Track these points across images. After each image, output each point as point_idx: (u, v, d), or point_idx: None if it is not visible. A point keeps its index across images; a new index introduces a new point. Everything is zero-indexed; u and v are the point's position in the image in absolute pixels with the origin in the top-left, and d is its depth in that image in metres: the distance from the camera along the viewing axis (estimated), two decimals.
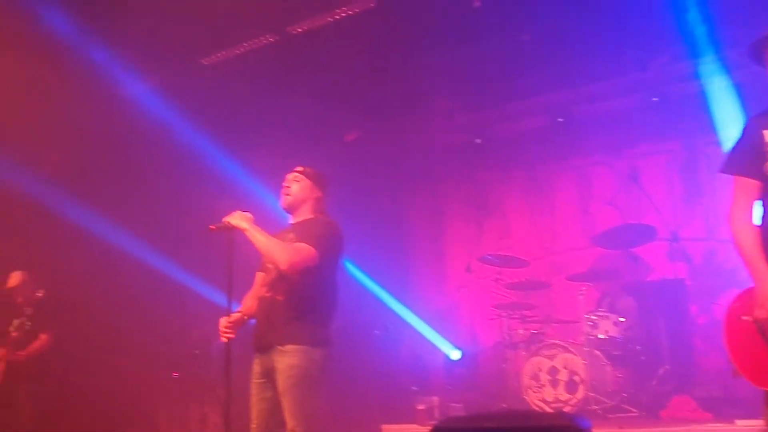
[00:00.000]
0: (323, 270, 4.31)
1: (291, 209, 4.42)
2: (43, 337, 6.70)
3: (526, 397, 6.50)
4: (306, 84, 7.55)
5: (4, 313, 6.85)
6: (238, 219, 4.22)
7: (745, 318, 3.21)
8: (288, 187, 4.41)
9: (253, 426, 4.24)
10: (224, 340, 4.21)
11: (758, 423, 5.03)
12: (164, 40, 6.70)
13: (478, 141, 8.46)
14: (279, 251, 4.16)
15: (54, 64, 6.67)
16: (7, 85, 6.68)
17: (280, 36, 6.84)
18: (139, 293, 7.97)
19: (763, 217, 3.23)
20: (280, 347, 4.16)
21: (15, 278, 6.91)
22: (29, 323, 6.71)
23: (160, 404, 7.97)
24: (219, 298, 4.29)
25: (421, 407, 6.82)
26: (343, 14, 6.52)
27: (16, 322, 6.79)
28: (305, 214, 4.41)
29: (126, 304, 7.93)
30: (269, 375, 4.20)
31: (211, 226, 4.31)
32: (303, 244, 4.16)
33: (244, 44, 6.98)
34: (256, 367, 4.28)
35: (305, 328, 4.23)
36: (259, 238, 4.19)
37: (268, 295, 4.26)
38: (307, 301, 4.26)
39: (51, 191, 7.61)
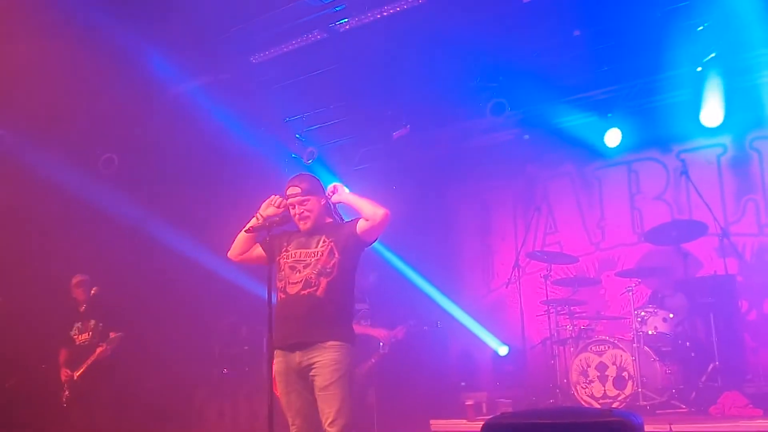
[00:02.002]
0: (355, 268, 4.49)
1: (314, 229, 4.48)
2: (114, 336, 6.90)
3: (574, 393, 6.51)
4: (355, 81, 7.62)
5: (69, 315, 7.09)
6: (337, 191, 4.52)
7: None
8: (302, 211, 4.45)
9: (295, 426, 4.28)
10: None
11: None
12: (215, 39, 6.85)
13: (527, 137, 8.46)
14: (370, 208, 4.42)
15: (109, 67, 6.85)
16: (63, 88, 6.87)
17: (328, 33, 6.91)
18: (191, 291, 8.14)
19: None
20: (321, 344, 4.24)
21: (79, 282, 7.12)
22: (100, 324, 6.96)
23: (211, 400, 8.12)
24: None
25: (469, 402, 6.86)
26: (392, 10, 6.56)
27: (79, 324, 7.03)
28: (322, 221, 4.53)
29: (177, 302, 8.12)
30: (302, 372, 4.25)
31: (246, 230, 4.46)
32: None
33: (293, 42, 7.06)
34: (284, 366, 4.29)
35: (344, 324, 4.38)
36: (352, 197, 4.52)
37: (304, 292, 4.31)
38: (344, 298, 4.41)
39: (104, 190, 7.80)
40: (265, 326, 4.12)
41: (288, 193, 4.54)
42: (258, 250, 4.54)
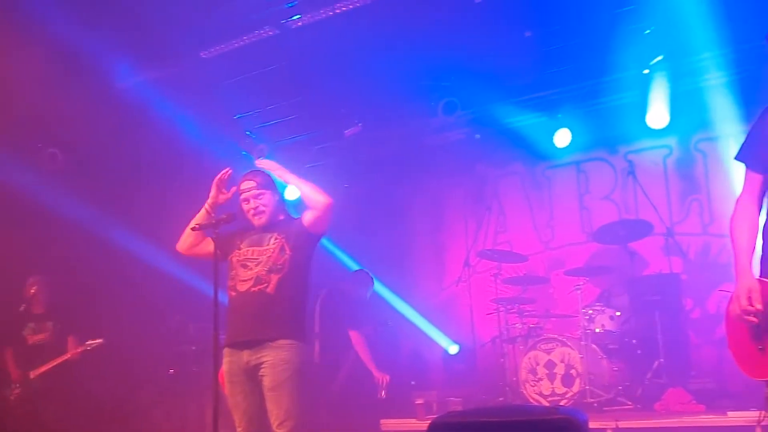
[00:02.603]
0: (308, 265, 4.44)
1: (267, 225, 4.44)
2: (71, 340, 6.85)
3: (523, 391, 6.57)
4: (307, 78, 7.57)
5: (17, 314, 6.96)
6: (267, 165, 4.50)
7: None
8: (257, 205, 4.41)
9: (240, 428, 4.22)
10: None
11: (749, 414, 5.16)
12: (164, 34, 6.73)
13: (478, 136, 8.51)
14: (315, 194, 4.38)
15: (52, 59, 6.68)
16: (3, 81, 6.69)
17: (280, 29, 6.85)
18: (137, 290, 7.99)
19: None
20: (271, 342, 4.18)
21: (33, 284, 7.01)
22: (58, 325, 6.88)
23: (157, 401, 7.98)
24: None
25: (419, 401, 6.86)
26: (345, 8, 6.54)
27: (33, 324, 6.93)
28: (276, 218, 4.48)
29: (123, 300, 7.96)
30: (251, 372, 4.20)
31: (192, 227, 4.39)
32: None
33: (244, 38, 6.98)
34: (232, 365, 4.24)
35: (295, 322, 4.31)
36: (294, 179, 4.46)
37: (254, 289, 4.25)
38: (296, 295, 4.35)
39: (48, 189, 7.61)
40: (213, 325, 4.06)
41: (242, 187, 4.48)
42: (210, 246, 4.39)
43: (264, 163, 4.60)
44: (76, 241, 7.75)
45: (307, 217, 4.39)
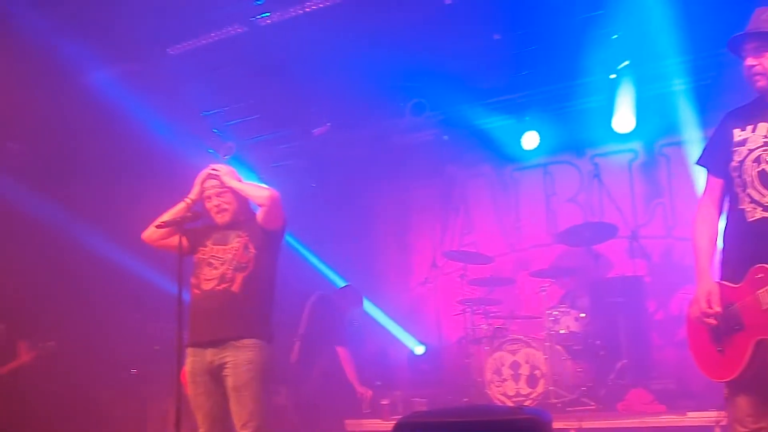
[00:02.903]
0: (274, 264, 4.41)
1: (231, 223, 4.40)
2: (23, 345, 6.71)
3: (488, 392, 6.59)
4: (275, 77, 7.52)
5: None
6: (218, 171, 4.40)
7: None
8: (220, 203, 4.39)
9: (203, 430, 4.15)
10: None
11: (709, 414, 5.25)
12: (130, 29, 6.63)
13: (446, 138, 8.53)
14: (257, 191, 4.36)
15: (15, 52, 6.55)
16: None
17: (249, 27, 6.80)
18: (96, 288, 7.85)
19: (727, 216, 3.30)
20: (234, 342, 4.14)
21: None
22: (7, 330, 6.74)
23: (119, 402, 7.86)
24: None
25: (384, 402, 6.86)
26: (314, 6, 6.50)
27: None
28: (240, 216, 4.45)
29: (82, 299, 7.81)
30: (215, 372, 4.15)
31: (157, 225, 4.34)
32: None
33: (212, 35, 6.92)
34: (195, 365, 4.18)
35: (260, 322, 4.28)
36: (235, 183, 4.37)
37: (219, 288, 4.20)
38: (261, 294, 4.31)
39: (6, 183, 7.46)
40: (175, 324, 3.98)
41: (205, 185, 4.44)
42: (177, 240, 4.29)
43: (217, 168, 4.53)
44: (33, 240, 7.60)
45: (259, 216, 4.36)
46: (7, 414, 6.63)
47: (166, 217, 4.39)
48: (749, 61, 3.17)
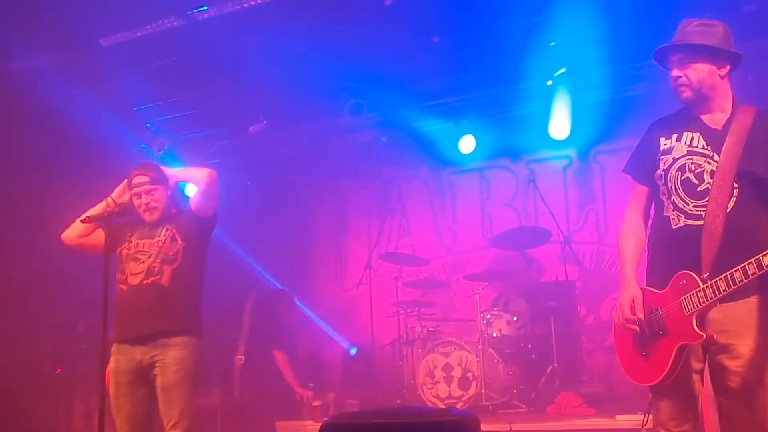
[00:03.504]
0: (203, 257, 4.34)
1: (159, 220, 4.32)
2: None
3: (421, 394, 6.59)
4: (211, 72, 7.40)
5: None
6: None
7: None
8: (149, 201, 4.29)
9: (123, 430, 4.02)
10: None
11: (636, 418, 5.33)
12: (60, 16, 6.43)
13: (384, 139, 8.52)
14: (196, 172, 4.40)
15: None
16: None
17: (185, 20, 6.67)
18: (18, 284, 7.58)
19: (653, 223, 3.34)
20: (166, 339, 4.05)
21: None
22: None
23: (42, 402, 7.62)
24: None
25: (316, 404, 6.84)
26: (253, 2, 6.42)
27: None
28: (168, 212, 4.39)
29: (6, 295, 7.54)
30: (144, 371, 4.05)
31: (82, 220, 4.22)
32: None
33: (147, 27, 6.76)
34: (120, 364, 4.06)
35: (191, 316, 4.20)
36: (173, 171, 4.42)
37: (147, 281, 4.11)
38: (191, 288, 4.23)
39: None
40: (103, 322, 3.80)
41: (134, 182, 4.32)
42: (98, 237, 4.24)
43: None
44: None
45: (194, 200, 4.32)
46: None
47: (90, 212, 4.27)
48: (674, 72, 3.22)
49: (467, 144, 7.93)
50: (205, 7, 6.54)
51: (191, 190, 7.48)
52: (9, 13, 6.20)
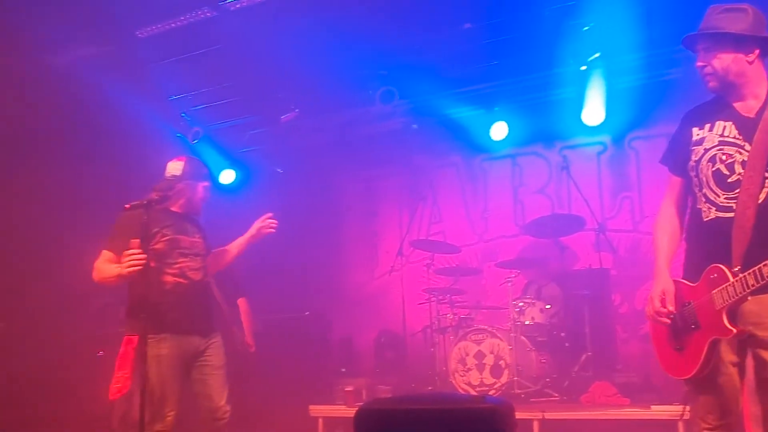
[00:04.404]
0: None
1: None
2: None
3: (452, 381, 6.59)
4: (244, 62, 7.44)
5: None
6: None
7: None
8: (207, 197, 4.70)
9: (171, 415, 4.19)
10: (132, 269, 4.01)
11: (672, 408, 5.28)
12: (99, 10, 6.52)
13: (415, 126, 8.50)
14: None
15: None
16: None
17: (218, 11, 6.71)
18: (63, 270, 7.73)
19: (689, 215, 3.29)
20: (214, 330, 4.50)
21: None
22: None
23: (87, 382, 7.76)
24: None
25: (349, 389, 6.86)
26: None
27: None
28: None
29: (49, 280, 7.70)
30: (197, 356, 4.35)
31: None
32: None
33: (181, 18, 6.82)
34: (174, 350, 4.23)
35: None
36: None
37: (203, 279, 4.49)
38: None
39: None
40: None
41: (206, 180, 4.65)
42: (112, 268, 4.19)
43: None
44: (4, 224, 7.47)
45: (211, 260, 4.69)
46: None
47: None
48: (699, 63, 3.18)
49: (499, 130, 7.87)
50: None
51: (226, 178, 7.69)
52: (51, 8, 6.31)
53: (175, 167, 4.50)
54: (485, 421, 2.54)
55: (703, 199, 3.13)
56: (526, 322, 6.70)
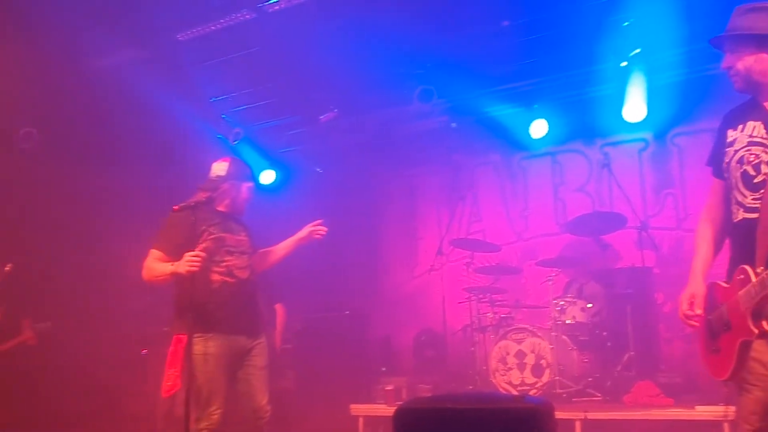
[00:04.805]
0: None
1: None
2: (26, 323, 6.80)
3: (493, 380, 6.57)
4: (283, 63, 7.51)
5: None
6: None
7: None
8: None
9: (218, 413, 4.22)
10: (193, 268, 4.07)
11: (717, 409, 5.19)
12: (141, 15, 6.64)
13: (454, 125, 8.49)
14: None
15: (27, 38, 6.56)
16: None
17: (257, 13, 6.78)
18: (108, 269, 7.87)
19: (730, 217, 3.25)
20: (260, 332, 4.52)
21: None
22: (12, 309, 6.78)
23: (131, 380, 7.90)
24: None
25: (389, 388, 6.87)
26: None
27: None
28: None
29: (94, 280, 7.85)
30: (244, 355, 4.37)
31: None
32: None
33: (221, 21, 6.91)
34: (223, 349, 4.27)
35: None
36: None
37: (251, 278, 4.51)
38: None
39: (21, 166, 7.48)
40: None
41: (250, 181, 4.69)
42: (169, 267, 4.22)
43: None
44: (45, 222, 7.63)
45: (256, 259, 4.66)
46: (11, 391, 6.67)
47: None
48: (723, 65, 3.15)
49: (539, 128, 7.83)
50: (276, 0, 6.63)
51: (266, 178, 7.75)
52: (96, 14, 6.45)
53: (220, 168, 4.55)
54: (525, 421, 2.53)
55: (734, 201, 3.11)
56: (567, 321, 6.65)
